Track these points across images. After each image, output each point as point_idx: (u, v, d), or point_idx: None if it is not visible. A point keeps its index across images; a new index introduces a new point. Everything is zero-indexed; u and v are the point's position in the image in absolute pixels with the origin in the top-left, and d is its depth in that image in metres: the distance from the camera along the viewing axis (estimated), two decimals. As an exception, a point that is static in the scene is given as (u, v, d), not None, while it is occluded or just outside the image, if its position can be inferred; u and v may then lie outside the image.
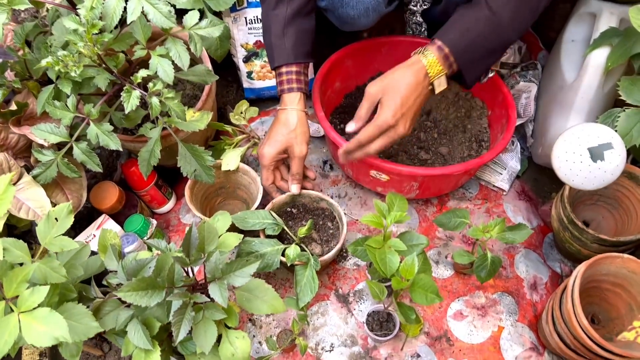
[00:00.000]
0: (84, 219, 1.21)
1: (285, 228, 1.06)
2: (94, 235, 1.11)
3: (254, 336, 1.10)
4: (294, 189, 1.11)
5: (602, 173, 0.91)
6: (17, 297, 0.70)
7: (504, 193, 1.28)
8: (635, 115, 0.98)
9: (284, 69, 1.08)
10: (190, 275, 0.87)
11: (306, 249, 1.04)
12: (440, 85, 1.00)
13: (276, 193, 1.14)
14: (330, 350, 1.08)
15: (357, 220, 1.26)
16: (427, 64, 0.98)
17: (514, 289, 1.15)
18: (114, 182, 1.17)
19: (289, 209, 1.16)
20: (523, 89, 1.28)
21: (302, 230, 1.04)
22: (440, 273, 1.17)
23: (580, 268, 0.94)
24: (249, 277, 0.82)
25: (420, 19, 1.55)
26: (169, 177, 1.29)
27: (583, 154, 0.91)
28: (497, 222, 1.00)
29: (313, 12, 1.12)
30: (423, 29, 1.56)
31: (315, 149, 1.37)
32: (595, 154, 0.91)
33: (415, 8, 1.61)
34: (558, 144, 0.95)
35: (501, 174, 1.27)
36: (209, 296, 0.83)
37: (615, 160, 0.91)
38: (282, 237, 1.09)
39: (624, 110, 0.99)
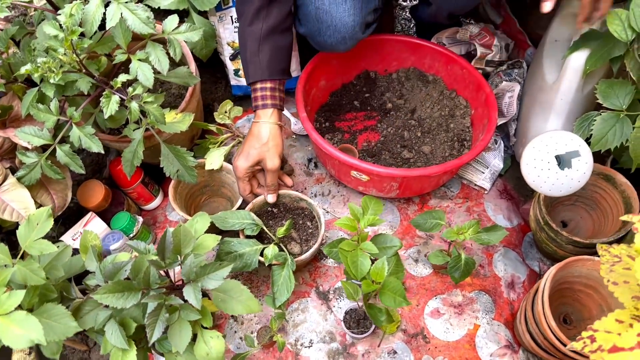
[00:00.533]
0: (73, 215, 1.23)
1: (265, 228, 1.08)
2: (81, 233, 1.14)
3: (235, 332, 1.13)
4: (270, 198, 1.13)
5: (569, 180, 0.93)
6: (-5, 300, 0.72)
7: (486, 192, 1.29)
8: (611, 119, 0.99)
9: (258, 85, 1.09)
10: (168, 277, 0.89)
11: (285, 248, 1.07)
12: None
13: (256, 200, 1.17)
14: (309, 346, 1.11)
15: (339, 218, 1.28)
16: None
17: (492, 287, 1.17)
18: (102, 180, 1.20)
19: (269, 209, 1.18)
20: (506, 88, 1.29)
21: (281, 231, 1.06)
22: (419, 271, 1.19)
23: (552, 270, 0.96)
24: (222, 280, 0.84)
25: (409, 15, 1.55)
26: (157, 175, 1.32)
27: (551, 161, 0.93)
28: (471, 224, 1.02)
29: (290, 29, 1.12)
30: (412, 25, 1.57)
31: (301, 147, 1.39)
32: (563, 161, 0.93)
33: (405, 3, 1.62)
34: (527, 151, 0.97)
35: (483, 172, 1.28)
36: (184, 298, 0.86)
37: (582, 168, 0.93)
38: (262, 237, 1.11)
39: (600, 114, 1.00)
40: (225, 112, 1.22)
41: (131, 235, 1.18)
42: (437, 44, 1.34)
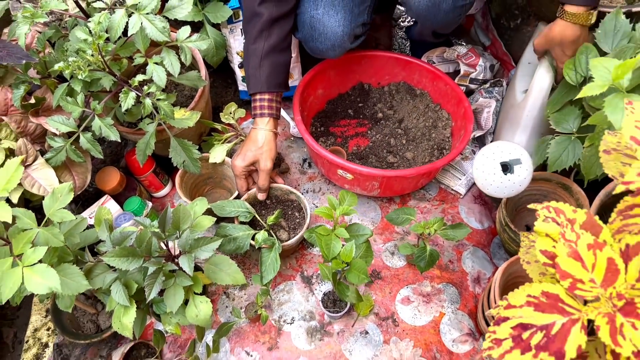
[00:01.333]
0: (91, 198, 1.39)
1: (257, 216, 1.22)
2: (91, 217, 1.29)
3: (226, 307, 1.28)
4: (260, 196, 1.28)
5: (511, 184, 1.06)
6: (22, 255, 0.87)
7: (461, 196, 1.42)
8: (564, 142, 1.11)
9: (257, 97, 1.24)
10: (168, 249, 1.04)
11: (274, 234, 1.21)
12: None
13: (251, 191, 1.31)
14: (290, 323, 1.24)
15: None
16: None
17: (458, 281, 1.29)
18: (119, 168, 1.36)
19: (264, 201, 1.32)
20: (483, 104, 1.42)
21: (271, 219, 1.20)
22: (394, 263, 1.32)
23: (504, 265, 1.08)
24: (212, 252, 0.99)
25: (405, 35, 1.70)
26: (167, 166, 1.47)
27: (496, 167, 1.06)
28: (436, 220, 1.15)
29: (288, 48, 1.27)
30: (407, 44, 1.71)
31: (297, 148, 1.54)
32: (507, 167, 1.06)
33: (404, 24, 1.77)
34: (478, 158, 1.10)
35: (460, 179, 1.41)
36: (179, 267, 1.01)
37: (523, 174, 1.06)
38: (254, 224, 1.26)
39: (554, 137, 1.12)
40: (230, 113, 1.37)
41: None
42: (425, 62, 1.48)
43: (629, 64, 0.83)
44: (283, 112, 1.55)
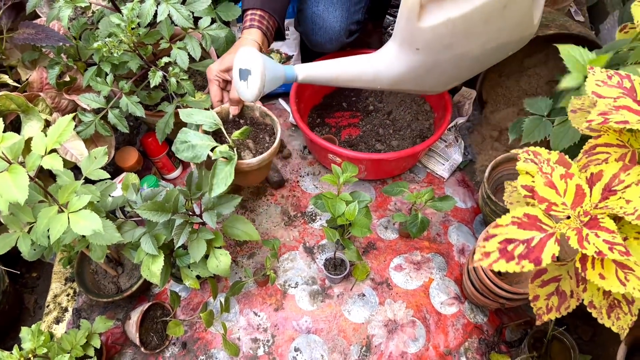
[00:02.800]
0: (111, 176, 1.50)
1: (222, 128, 1.18)
2: (118, 187, 1.41)
3: (236, 273, 1.39)
4: (232, 110, 1.27)
5: (247, 90, 1.13)
6: (66, 203, 0.98)
7: (444, 180, 1.58)
8: (536, 121, 1.28)
9: (249, 12, 1.26)
10: (193, 208, 1.16)
11: (236, 152, 1.14)
12: None
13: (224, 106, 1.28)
14: (295, 287, 1.36)
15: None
16: None
17: (445, 251, 1.44)
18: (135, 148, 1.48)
19: (236, 119, 1.30)
20: (464, 94, 1.60)
21: (236, 134, 1.14)
22: (387, 236, 1.46)
23: (487, 228, 1.23)
24: (233, 209, 1.12)
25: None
26: (178, 151, 1.60)
27: (236, 73, 1.14)
28: (427, 190, 1.30)
29: None
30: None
31: (298, 137, 1.69)
32: (242, 75, 1.13)
33: (392, 31, 1.94)
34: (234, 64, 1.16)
35: (443, 164, 1.57)
36: (202, 223, 1.13)
37: (253, 84, 1.11)
38: (221, 140, 1.20)
39: (528, 117, 1.28)
40: (239, 100, 1.51)
41: (155, 194, 1.44)
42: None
43: (602, 59, 1.00)
44: (284, 102, 1.70)
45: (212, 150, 1.12)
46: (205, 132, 1.18)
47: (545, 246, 0.77)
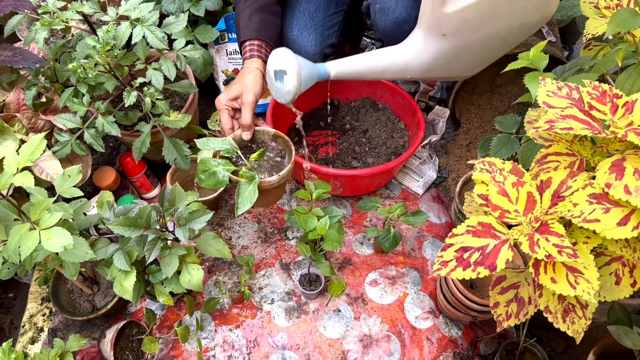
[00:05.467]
0: (88, 196, 1.52)
1: (239, 152, 1.22)
2: (94, 206, 1.42)
3: (211, 292, 1.40)
4: (245, 135, 1.29)
5: (282, 91, 1.18)
6: (38, 221, 1.00)
7: (419, 196, 1.60)
8: (504, 139, 1.31)
9: (247, 43, 1.33)
10: (165, 226, 1.18)
11: (255, 172, 1.19)
12: None
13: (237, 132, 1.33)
14: (271, 303, 1.37)
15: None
16: None
17: (420, 266, 1.46)
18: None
19: (249, 144, 1.34)
20: (439, 113, 1.63)
21: (254, 155, 1.18)
22: (363, 251, 1.48)
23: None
24: (205, 223, 1.13)
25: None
26: (156, 171, 1.62)
27: (271, 74, 1.19)
28: (398, 205, 1.32)
29: (277, 14, 1.40)
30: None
31: (275, 155, 1.71)
32: (278, 76, 1.18)
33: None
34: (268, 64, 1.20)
35: (418, 181, 1.60)
36: (176, 239, 1.15)
37: (288, 84, 1.16)
38: (237, 164, 1.25)
39: (496, 135, 1.32)
40: (216, 120, 1.54)
41: (133, 213, 1.46)
42: (386, 80, 1.69)
43: (541, 46, 1.04)
44: (262, 122, 1.73)
45: (233, 173, 1.16)
46: (223, 158, 1.22)
47: (500, 252, 0.79)
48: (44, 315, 1.38)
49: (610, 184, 0.73)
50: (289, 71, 1.14)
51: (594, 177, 0.76)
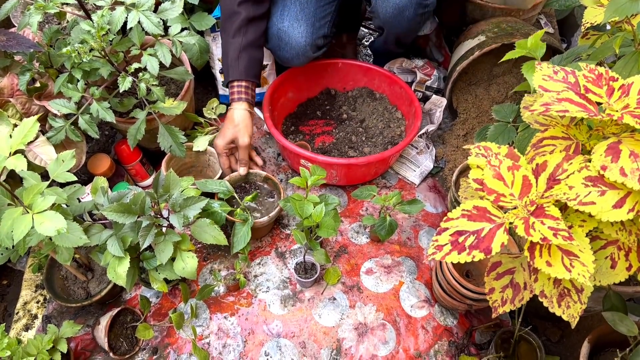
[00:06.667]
0: (83, 184, 1.51)
1: (235, 195, 1.36)
2: (88, 193, 1.41)
3: (206, 280, 1.39)
4: (242, 171, 1.43)
5: None
6: (31, 205, 0.99)
7: (416, 186, 1.60)
8: (501, 127, 1.30)
9: (235, 83, 1.41)
10: (160, 213, 1.17)
11: (248, 213, 1.34)
12: None
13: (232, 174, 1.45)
14: (266, 291, 1.37)
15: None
16: None
17: (415, 255, 1.45)
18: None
19: (242, 184, 1.47)
20: (436, 102, 1.63)
21: (247, 198, 1.34)
22: (359, 240, 1.48)
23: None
24: (199, 210, 1.13)
25: (370, 52, 1.91)
26: (152, 159, 1.61)
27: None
28: (394, 194, 1.32)
29: (262, 47, 1.47)
30: (371, 60, 1.92)
31: (272, 144, 1.71)
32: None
33: (367, 43, 1.98)
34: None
35: (415, 170, 1.60)
36: (170, 226, 1.14)
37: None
38: (232, 204, 1.39)
39: (493, 124, 1.31)
40: (212, 108, 1.53)
41: (128, 200, 1.45)
42: (383, 69, 1.69)
43: (539, 34, 1.03)
44: (258, 111, 1.72)
45: (229, 213, 1.31)
46: (220, 199, 1.35)
47: (495, 236, 0.79)
48: (37, 302, 1.37)
49: (606, 166, 0.72)
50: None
51: (589, 160, 0.76)
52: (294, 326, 1.32)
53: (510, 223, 0.79)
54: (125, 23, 1.24)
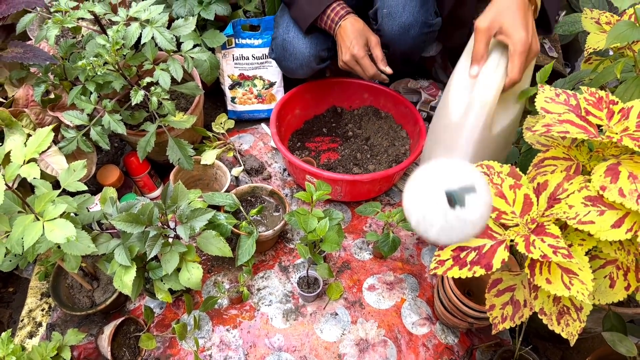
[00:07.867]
0: (92, 194, 1.53)
1: (241, 207, 1.38)
2: (97, 203, 1.44)
3: (209, 292, 1.41)
4: (388, 69, 1.48)
5: (462, 223, 0.73)
6: (42, 212, 1.01)
7: (420, 203, 1.61)
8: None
9: (328, 10, 1.44)
10: (167, 224, 1.19)
11: (254, 226, 1.37)
12: (535, 12, 1.09)
13: (380, 75, 1.50)
14: (269, 305, 1.38)
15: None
16: None
17: (418, 272, 1.46)
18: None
19: (249, 198, 1.49)
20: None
21: (253, 212, 1.36)
22: (362, 256, 1.49)
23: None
24: (206, 222, 1.15)
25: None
26: (160, 172, 1.64)
27: (439, 198, 0.73)
28: (398, 210, 1.34)
29: None
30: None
31: (279, 159, 1.73)
32: (454, 198, 0.73)
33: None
34: (409, 187, 0.80)
35: (419, 188, 1.61)
36: (177, 237, 1.16)
37: (479, 208, 0.72)
38: (238, 216, 1.42)
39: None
40: (221, 123, 1.56)
41: (135, 212, 1.48)
42: (389, 88, 1.71)
43: (547, 70, 1.06)
44: (266, 127, 1.75)
45: (235, 226, 1.33)
46: (226, 212, 1.37)
47: (496, 252, 0.80)
48: (43, 310, 1.38)
49: (605, 187, 0.74)
50: (480, 189, 0.72)
51: (589, 181, 0.78)
52: (296, 340, 1.33)
53: (511, 240, 0.81)
54: (139, 38, 1.28)
